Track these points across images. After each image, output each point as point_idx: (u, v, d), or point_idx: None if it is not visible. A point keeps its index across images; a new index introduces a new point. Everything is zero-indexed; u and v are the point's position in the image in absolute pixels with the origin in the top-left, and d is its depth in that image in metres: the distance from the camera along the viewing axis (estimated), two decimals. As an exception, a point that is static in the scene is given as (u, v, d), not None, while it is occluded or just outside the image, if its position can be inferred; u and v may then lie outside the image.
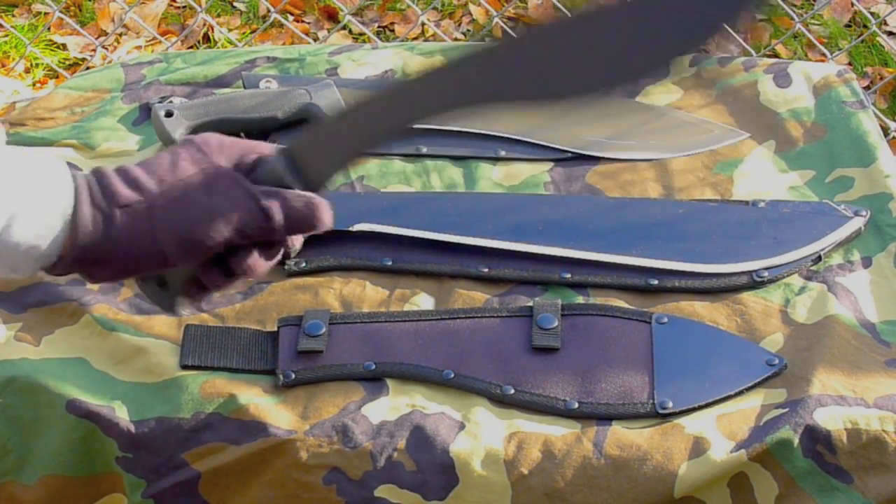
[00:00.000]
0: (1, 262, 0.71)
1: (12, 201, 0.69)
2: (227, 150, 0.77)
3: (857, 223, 1.01)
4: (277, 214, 0.75)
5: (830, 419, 0.83)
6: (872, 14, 2.24)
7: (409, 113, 0.76)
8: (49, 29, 2.27)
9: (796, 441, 0.82)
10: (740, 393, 0.87)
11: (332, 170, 0.78)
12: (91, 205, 0.73)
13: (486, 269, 0.98)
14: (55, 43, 2.28)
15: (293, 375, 0.89)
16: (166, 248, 0.74)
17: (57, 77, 2.15)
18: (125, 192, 0.74)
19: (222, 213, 0.74)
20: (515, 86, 0.73)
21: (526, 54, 0.72)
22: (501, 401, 0.88)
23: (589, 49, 0.71)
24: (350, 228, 1.00)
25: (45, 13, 2.32)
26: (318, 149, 0.78)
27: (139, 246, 0.74)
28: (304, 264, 0.98)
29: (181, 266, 0.76)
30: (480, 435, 0.85)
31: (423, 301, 0.96)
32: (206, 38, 2.31)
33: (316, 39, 2.26)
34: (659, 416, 0.86)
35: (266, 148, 0.80)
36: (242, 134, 1.12)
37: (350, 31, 2.33)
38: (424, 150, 1.11)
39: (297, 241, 0.79)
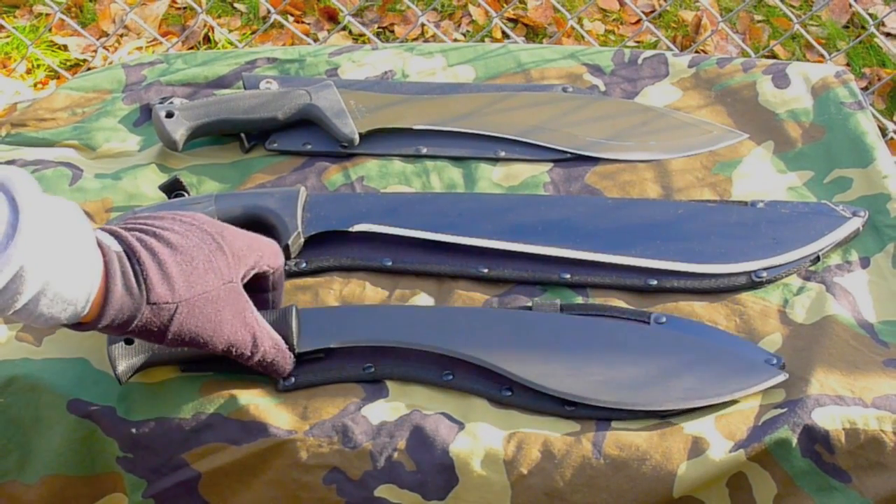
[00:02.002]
0: (22, 318, 0.73)
1: (43, 275, 0.70)
2: (245, 257, 0.83)
3: (855, 223, 1.01)
4: (258, 355, 0.85)
5: (829, 419, 0.83)
6: (870, 15, 2.24)
7: None
8: (50, 30, 2.27)
9: (795, 441, 0.82)
10: (740, 395, 0.87)
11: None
12: (124, 290, 0.75)
13: (485, 270, 0.98)
14: (56, 44, 2.29)
15: (293, 380, 0.89)
16: (168, 338, 0.79)
17: (58, 78, 2.15)
18: (159, 289, 0.76)
19: (224, 334, 0.81)
20: None
21: None
22: (501, 401, 0.88)
23: None
24: (350, 228, 1.00)
25: (47, 14, 2.32)
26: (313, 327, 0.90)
27: (148, 330, 0.78)
28: (304, 264, 0.99)
29: None
30: (480, 435, 0.85)
31: (423, 301, 0.96)
32: (207, 39, 2.31)
33: (316, 40, 2.26)
34: (658, 416, 0.86)
35: (277, 260, 0.88)
36: (243, 135, 1.12)
37: (350, 32, 2.33)
38: (424, 150, 1.12)
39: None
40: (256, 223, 1.00)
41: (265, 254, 0.86)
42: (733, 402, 0.87)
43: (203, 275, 0.79)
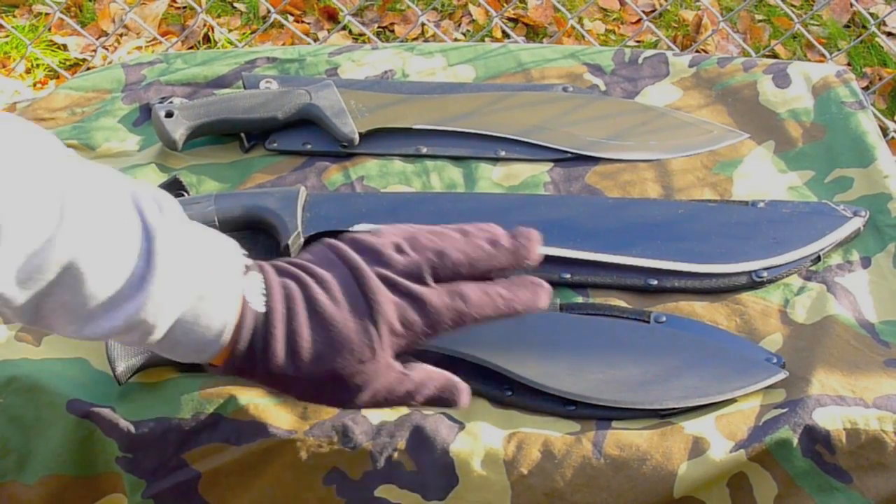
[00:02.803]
0: (159, 351, 0.72)
1: (173, 316, 0.69)
2: (400, 334, 0.75)
3: (856, 223, 1.01)
4: (415, 405, 0.79)
5: (829, 419, 0.83)
6: (871, 15, 2.24)
7: None
8: (50, 29, 2.27)
9: (795, 441, 0.82)
10: (740, 393, 0.87)
11: None
12: (245, 349, 0.73)
13: (485, 270, 0.98)
14: (56, 43, 2.29)
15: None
16: (293, 397, 0.77)
17: (57, 77, 2.15)
18: (280, 362, 0.73)
19: (357, 403, 0.76)
20: None
21: None
22: (501, 401, 0.88)
23: None
24: (350, 228, 1.00)
25: (46, 14, 2.32)
26: None
27: (271, 386, 0.76)
28: (304, 264, 0.98)
29: None
30: (480, 435, 0.85)
31: (423, 301, 0.96)
32: (207, 39, 2.31)
33: (316, 40, 2.26)
34: (658, 415, 0.86)
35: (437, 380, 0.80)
36: (243, 135, 1.12)
37: (350, 32, 2.33)
38: (424, 150, 1.12)
39: None
40: (256, 223, 1.00)
41: (431, 326, 0.77)
42: (733, 401, 0.87)
43: (337, 353, 0.73)
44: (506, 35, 2.25)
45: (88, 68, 2.03)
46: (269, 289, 0.74)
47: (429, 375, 0.79)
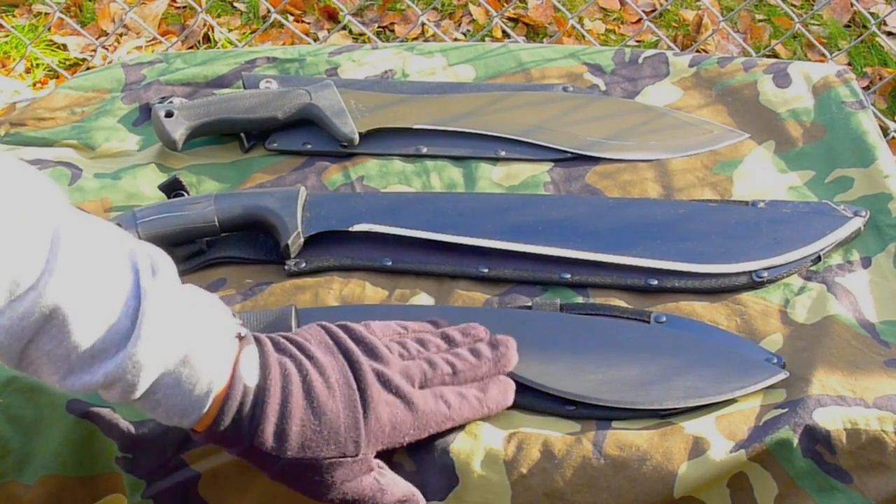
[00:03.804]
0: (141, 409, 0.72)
1: (157, 372, 0.69)
2: (383, 437, 0.76)
3: (856, 223, 1.01)
4: None
5: (830, 419, 0.83)
6: (872, 14, 2.24)
7: None
8: (49, 29, 2.27)
9: (796, 441, 0.82)
10: (741, 393, 0.87)
11: None
12: (233, 423, 0.73)
13: (485, 270, 0.98)
14: (55, 43, 2.29)
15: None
16: (269, 476, 0.76)
17: (57, 77, 2.15)
18: (268, 441, 0.73)
19: (329, 497, 0.76)
20: None
21: None
22: (501, 401, 0.88)
23: None
24: (350, 228, 1.00)
25: (46, 13, 2.32)
26: None
27: (249, 459, 0.75)
28: (303, 264, 0.99)
29: None
30: (480, 435, 0.85)
31: (423, 301, 0.96)
32: (207, 39, 2.31)
33: (316, 39, 2.26)
34: (658, 416, 0.86)
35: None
36: (243, 135, 1.12)
37: (350, 32, 2.33)
38: (424, 150, 1.12)
39: None
40: (256, 223, 1.00)
41: (421, 430, 0.79)
42: (734, 401, 0.87)
43: (323, 443, 0.74)
44: (506, 35, 2.25)
45: (88, 68, 2.03)
46: (267, 365, 0.74)
47: (395, 483, 0.79)
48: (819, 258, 0.99)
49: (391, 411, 0.76)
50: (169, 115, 1.09)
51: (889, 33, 2.38)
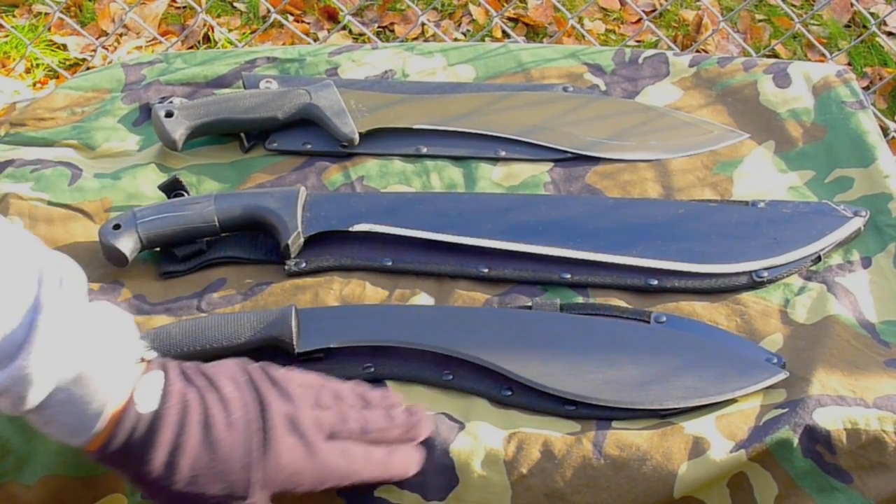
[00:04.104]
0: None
1: (49, 388, 0.68)
2: (279, 482, 0.73)
3: (856, 223, 1.01)
4: None
5: (830, 419, 0.83)
6: (872, 14, 2.24)
7: None
8: (49, 29, 2.27)
9: (796, 441, 0.82)
10: (741, 393, 0.87)
11: None
12: (123, 447, 0.71)
13: (486, 270, 0.98)
14: (55, 43, 2.29)
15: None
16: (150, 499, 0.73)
17: (57, 77, 2.15)
18: (157, 470, 0.71)
19: None
20: None
21: None
22: (501, 401, 0.88)
23: None
24: (350, 228, 1.00)
25: (46, 13, 2.32)
26: None
27: (134, 483, 0.73)
28: (303, 264, 0.98)
29: None
30: (480, 435, 0.85)
31: (423, 301, 0.96)
32: (207, 39, 2.31)
33: (316, 39, 2.26)
34: (658, 415, 0.86)
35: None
36: (243, 135, 1.12)
37: (350, 32, 2.33)
38: (424, 150, 1.12)
39: None
40: (256, 223, 1.00)
41: (321, 481, 0.76)
42: (734, 401, 0.87)
43: (212, 480, 0.71)
44: (506, 35, 2.25)
45: (88, 68, 2.03)
46: (168, 393, 0.72)
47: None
48: (819, 258, 0.99)
49: (291, 457, 0.74)
50: (169, 115, 1.09)
51: (889, 33, 2.38)
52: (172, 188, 1.03)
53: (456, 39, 2.31)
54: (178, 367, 0.75)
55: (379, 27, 2.38)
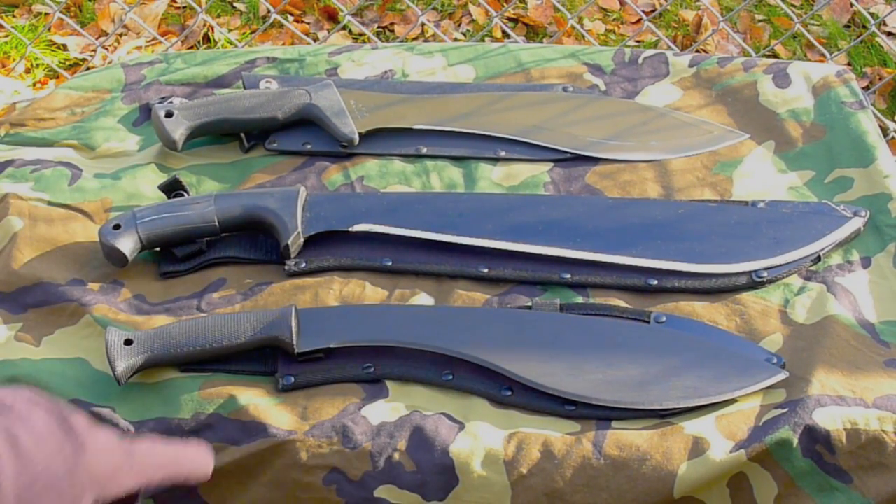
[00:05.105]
0: None
1: None
2: (106, 482, 0.70)
3: (856, 223, 1.01)
4: None
5: (830, 419, 0.83)
6: (871, 14, 2.24)
7: None
8: (49, 29, 2.27)
9: (795, 441, 0.82)
10: (740, 393, 0.87)
11: None
12: None
13: (485, 269, 0.98)
14: (55, 43, 2.28)
15: (292, 380, 0.89)
16: None
17: (57, 77, 2.15)
18: None
19: None
20: None
21: None
22: (501, 401, 0.88)
23: None
24: (350, 228, 1.00)
25: (46, 14, 2.32)
26: None
27: None
28: (303, 264, 0.99)
29: None
30: (480, 435, 0.85)
31: (423, 301, 0.96)
32: (207, 39, 2.31)
33: (316, 40, 2.26)
34: (658, 415, 0.86)
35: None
36: (243, 135, 1.12)
37: (350, 32, 2.33)
38: (424, 150, 1.12)
39: None
40: (256, 223, 1.00)
41: (142, 477, 0.72)
42: (733, 401, 0.87)
43: (40, 495, 0.66)
44: (506, 35, 2.25)
45: (88, 68, 2.03)
46: None
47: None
48: (819, 258, 0.99)
49: (109, 453, 0.71)
50: (169, 115, 1.09)
51: (889, 33, 2.38)
52: (172, 188, 1.03)
53: (456, 39, 2.31)
54: None
55: (379, 27, 2.38)
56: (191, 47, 2.27)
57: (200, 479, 0.77)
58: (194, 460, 0.78)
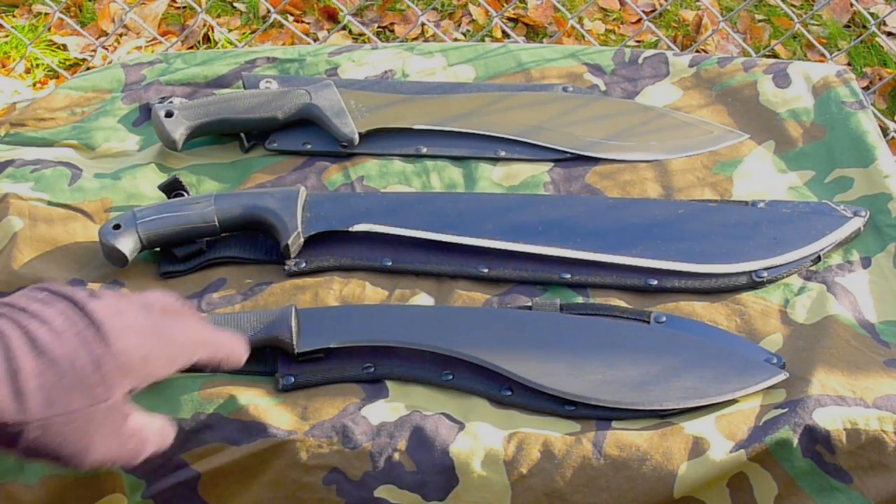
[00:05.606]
0: None
1: None
2: (135, 370, 0.68)
3: (856, 223, 1.01)
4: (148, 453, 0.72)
5: (830, 419, 0.83)
6: (871, 14, 2.24)
7: None
8: (49, 29, 2.27)
9: (795, 441, 0.82)
10: (740, 394, 0.87)
11: None
12: None
13: (485, 269, 0.98)
14: (55, 43, 2.28)
15: (292, 380, 0.89)
16: (19, 454, 0.66)
17: (57, 77, 2.15)
18: (6, 405, 0.63)
19: (93, 455, 0.67)
20: None
21: None
22: (501, 401, 0.88)
23: None
24: (350, 228, 1.00)
25: (46, 14, 2.32)
26: None
27: None
28: (303, 264, 0.99)
29: None
30: (480, 435, 0.85)
31: (423, 301, 0.96)
32: (207, 39, 2.31)
33: (316, 40, 2.26)
34: (658, 416, 0.86)
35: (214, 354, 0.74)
36: (243, 135, 1.12)
37: (350, 32, 2.33)
38: (424, 150, 1.12)
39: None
40: (256, 223, 1.00)
41: (174, 360, 0.71)
42: (733, 401, 0.87)
43: (68, 392, 0.65)
44: (506, 35, 2.25)
45: (88, 68, 2.03)
46: None
47: (149, 424, 0.72)
48: (819, 258, 0.99)
49: (134, 342, 0.68)
50: (169, 115, 1.09)
51: (889, 33, 2.38)
52: (172, 188, 1.03)
53: (456, 39, 2.31)
54: None
55: (379, 27, 2.38)
56: (191, 47, 2.27)
57: (233, 366, 0.75)
58: (229, 345, 0.75)
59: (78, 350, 0.66)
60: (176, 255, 0.99)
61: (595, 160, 1.10)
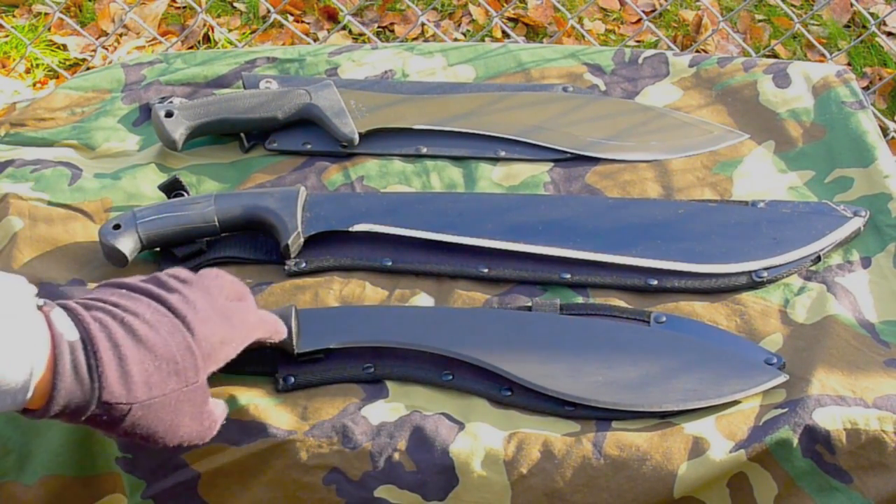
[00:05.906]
0: None
1: None
2: (216, 353, 0.77)
3: (856, 223, 1.01)
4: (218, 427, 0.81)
5: (830, 419, 0.83)
6: (871, 14, 2.24)
7: None
8: (49, 29, 2.27)
9: (795, 441, 0.82)
10: (740, 396, 0.87)
11: None
12: (74, 383, 0.70)
13: (485, 269, 0.98)
14: (55, 43, 2.28)
15: (293, 380, 0.89)
16: (118, 434, 0.74)
17: (57, 77, 2.15)
18: (115, 388, 0.70)
19: (178, 434, 0.76)
20: None
21: None
22: (501, 401, 0.88)
23: None
24: (350, 228, 1.00)
25: (46, 14, 2.32)
26: None
27: (97, 423, 0.73)
28: (303, 264, 0.99)
29: None
30: (480, 435, 0.85)
31: (423, 301, 0.96)
32: (207, 39, 2.31)
33: (316, 40, 2.26)
34: (658, 416, 0.86)
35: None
36: (243, 135, 1.12)
37: (350, 32, 2.33)
38: (424, 150, 1.12)
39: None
40: (256, 223, 1.00)
41: (243, 341, 0.80)
42: (734, 402, 0.87)
43: (165, 377, 0.73)
44: (506, 35, 2.25)
45: (88, 68, 2.03)
46: (80, 321, 0.72)
47: (218, 403, 0.81)
48: (819, 258, 0.99)
49: (212, 328, 0.76)
50: (169, 115, 1.09)
51: (889, 33, 2.38)
52: (172, 188, 1.03)
53: (456, 39, 2.31)
54: (68, 302, 0.74)
55: (379, 27, 2.38)
56: (191, 47, 2.27)
57: (278, 338, 0.85)
58: (276, 322, 0.85)
59: (169, 339, 0.73)
60: (176, 255, 0.99)
61: (595, 160, 1.10)
